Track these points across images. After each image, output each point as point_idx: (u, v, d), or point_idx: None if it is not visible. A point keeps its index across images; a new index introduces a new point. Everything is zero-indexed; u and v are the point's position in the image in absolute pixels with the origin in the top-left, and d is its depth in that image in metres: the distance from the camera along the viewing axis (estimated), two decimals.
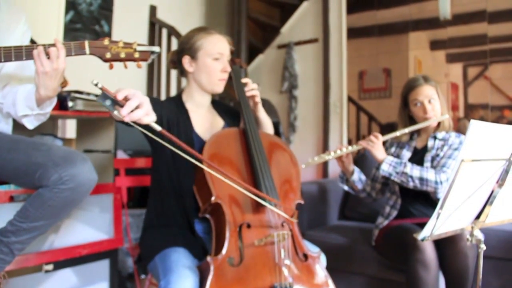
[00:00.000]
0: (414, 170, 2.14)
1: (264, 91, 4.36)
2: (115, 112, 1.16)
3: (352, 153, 2.29)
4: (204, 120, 1.83)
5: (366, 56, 3.91)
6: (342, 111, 3.95)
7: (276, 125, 3.33)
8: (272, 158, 1.71)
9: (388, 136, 2.24)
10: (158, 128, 1.23)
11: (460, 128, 3.50)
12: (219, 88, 1.79)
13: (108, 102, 1.16)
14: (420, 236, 1.41)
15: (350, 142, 3.99)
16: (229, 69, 1.79)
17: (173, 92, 3.94)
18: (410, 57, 3.71)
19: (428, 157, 2.27)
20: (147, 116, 1.21)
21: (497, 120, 3.28)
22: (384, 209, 2.39)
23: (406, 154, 2.35)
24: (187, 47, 1.78)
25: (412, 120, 2.34)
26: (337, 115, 3.97)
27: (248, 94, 1.81)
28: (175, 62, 1.85)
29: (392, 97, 3.75)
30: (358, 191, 2.38)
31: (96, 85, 1.13)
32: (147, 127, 1.24)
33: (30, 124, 1.56)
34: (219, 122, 1.87)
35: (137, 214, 2.68)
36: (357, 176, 2.35)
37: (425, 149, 2.32)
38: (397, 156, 2.37)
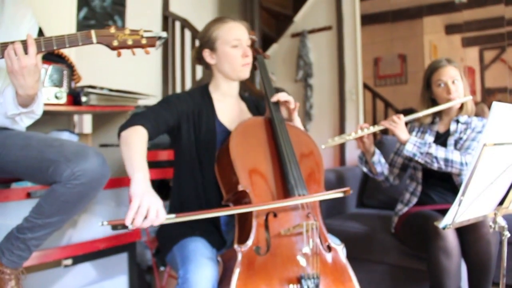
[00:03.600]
0: (439, 151, 2.10)
1: (279, 80, 4.34)
2: (130, 227, 1.25)
3: (373, 134, 2.24)
4: (230, 110, 1.81)
5: (381, 43, 3.84)
6: (358, 98, 3.90)
7: None
8: (298, 148, 1.69)
9: (411, 117, 2.20)
10: (172, 216, 1.32)
11: (478, 113, 3.41)
12: (244, 73, 1.77)
13: (120, 228, 1.24)
14: (442, 224, 1.36)
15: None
16: (249, 53, 1.76)
17: (188, 85, 3.92)
18: (425, 42, 3.63)
19: (451, 140, 2.23)
20: (157, 218, 1.27)
21: None
22: (404, 195, 2.35)
23: (429, 138, 2.30)
24: (204, 40, 1.77)
25: (434, 103, 2.30)
26: (353, 103, 3.93)
27: (281, 99, 1.75)
28: (198, 58, 1.84)
29: (408, 83, 3.68)
30: (376, 173, 2.34)
31: (102, 224, 1.23)
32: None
33: (22, 123, 1.55)
34: (247, 115, 1.86)
35: None
36: (378, 157, 2.30)
37: (447, 133, 2.27)
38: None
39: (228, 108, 1.81)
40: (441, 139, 2.27)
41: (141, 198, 1.27)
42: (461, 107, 2.27)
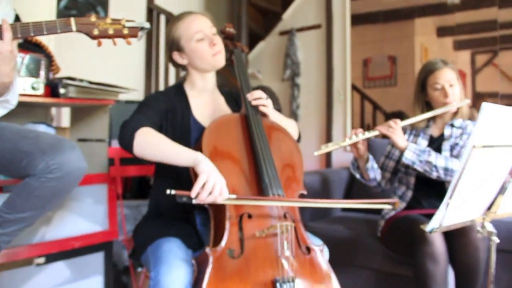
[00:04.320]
0: (438, 159, 2.08)
1: (266, 79, 4.33)
2: (194, 201, 1.37)
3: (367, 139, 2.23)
4: (206, 106, 1.80)
5: (371, 43, 3.85)
6: (346, 99, 3.90)
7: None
8: (275, 146, 1.69)
9: (407, 122, 2.18)
10: (233, 196, 1.43)
11: (468, 117, 3.44)
12: (219, 62, 1.76)
13: (184, 199, 1.36)
14: (428, 227, 1.36)
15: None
16: (217, 40, 1.75)
17: (172, 80, 3.90)
18: (416, 44, 3.64)
19: (446, 145, 2.23)
20: (221, 196, 1.39)
21: None
22: (391, 199, 2.34)
23: (422, 142, 2.30)
24: (169, 44, 1.78)
25: (429, 106, 2.30)
26: (341, 103, 3.93)
27: (254, 103, 1.75)
28: (173, 63, 1.84)
29: (398, 85, 3.69)
30: (369, 179, 2.32)
31: (169, 193, 1.35)
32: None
33: None
34: (225, 110, 1.85)
35: (134, 206, 2.65)
36: (371, 163, 2.29)
37: (442, 138, 2.28)
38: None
39: (204, 104, 1.80)
40: (435, 144, 2.27)
41: (209, 174, 1.37)
42: (456, 111, 2.28)
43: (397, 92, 3.67)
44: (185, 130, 1.70)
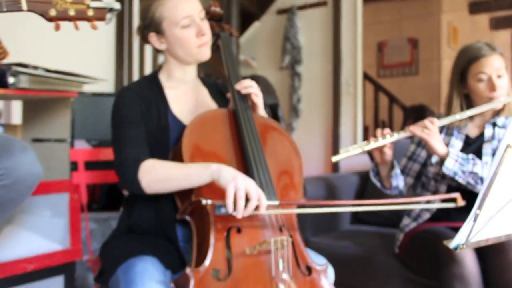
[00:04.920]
0: (486, 170, 2.05)
1: (261, 67, 4.34)
2: (234, 213, 1.40)
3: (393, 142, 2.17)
4: (186, 99, 1.80)
5: (387, 23, 3.88)
6: (356, 91, 3.91)
7: (274, 108, 3.26)
8: (269, 148, 1.70)
9: (446, 121, 2.13)
10: (275, 203, 1.48)
11: None
12: (203, 55, 1.76)
13: (223, 210, 1.40)
14: (453, 244, 1.34)
15: (366, 129, 3.94)
16: (206, 30, 1.74)
17: (148, 69, 3.89)
18: (442, 23, 3.65)
19: (487, 149, 2.19)
20: (260, 200, 1.42)
21: None
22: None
23: (456, 143, 2.26)
24: (147, 21, 1.76)
25: (467, 100, 2.26)
26: (350, 96, 3.94)
27: (243, 91, 1.76)
28: (145, 40, 1.82)
29: (420, 74, 3.71)
30: (390, 187, 2.28)
31: (205, 205, 1.43)
32: None
33: None
34: (209, 104, 1.85)
35: (103, 219, 2.64)
36: (396, 170, 2.24)
37: (481, 139, 2.24)
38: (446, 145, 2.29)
39: (184, 97, 1.80)
40: (473, 146, 2.24)
41: (236, 182, 1.40)
42: (501, 108, 2.22)
43: (418, 82, 3.69)
44: (162, 130, 1.69)
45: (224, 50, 1.86)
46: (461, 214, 2.21)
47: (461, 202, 1.56)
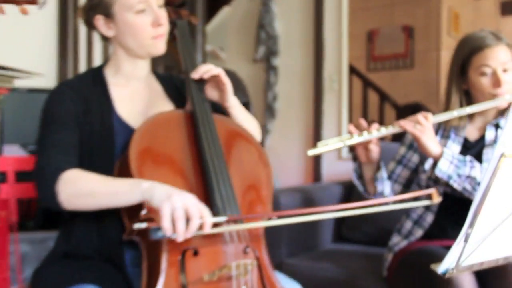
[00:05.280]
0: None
1: (231, 59, 4.34)
2: (174, 236, 1.38)
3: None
4: (135, 98, 1.80)
5: (377, 9, 3.87)
6: (341, 87, 3.93)
7: (244, 108, 3.27)
8: (233, 156, 1.71)
9: (442, 118, 2.15)
10: (221, 219, 1.45)
11: None
12: (157, 48, 1.76)
13: (160, 234, 1.37)
14: (441, 268, 1.37)
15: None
16: (163, 19, 1.74)
17: (97, 61, 3.86)
18: (442, 8, 3.64)
19: (488, 154, 2.20)
20: (204, 218, 1.40)
21: None
22: (403, 224, 2.36)
23: (453, 147, 2.28)
24: (95, 2, 1.74)
25: (468, 96, 2.29)
26: (335, 94, 3.96)
27: (205, 76, 1.76)
28: (90, 24, 1.80)
29: (415, 67, 3.70)
30: (374, 193, 2.30)
31: (138, 228, 1.40)
32: None
33: None
34: (163, 103, 1.84)
35: (39, 240, 2.60)
36: (382, 173, 2.26)
37: (481, 142, 2.27)
38: None
39: (132, 95, 1.80)
40: (472, 151, 2.26)
41: (170, 200, 1.38)
42: (506, 107, 2.24)
43: (414, 77, 3.68)
44: (105, 135, 1.67)
45: (181, 42, 1.86)
46: (458, 231, 2.23)
47: (437, 199, 1.57)
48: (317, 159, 3.95)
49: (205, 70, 1.75)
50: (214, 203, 1.53)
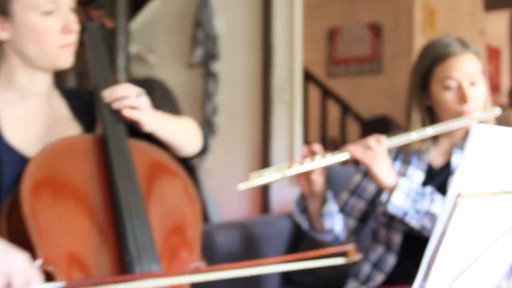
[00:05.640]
0: None
1: (161, 63, 4.34)
2: None
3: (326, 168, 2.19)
4: (33, 120, 1.75)
5: (339, 4, 3.90)
6: (293, 98, 3.93)
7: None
8: (152, 189, 1.70)
9: (397, 141, 2.15)
10: (59, 285, 1.35)
11: (501, 124, 3.49)
12: (64, 60, 1.72)
13: None
14: None
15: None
16: (74, 26, 1.70)
17: None
18: (415, 4, 3.69)
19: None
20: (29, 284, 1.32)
21: None
22: (360, 267, 2.36)
23: (415, 175, 2.28)
24: None
25: (431, 114, 2.30)
26: (286, 105, 3.96)
27: (115, 105, 1.71)
28: None
29: (384, 73, 3.75)
30: (321, 230, 2.30)
31: None
32: None
33: None
34: (69, 127, 1.81)
35: None
36: (330, 206, 2.26)
37: (447, 169, 2.28)
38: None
39: (28, 117, 1.75)
40: (437, 179, 2.26)
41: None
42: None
43: (382, 84, 3.73)
44: None
45: (92, 50, 1.82)
46: None
47: (354, 256, 1.55)
48: (265, 186, 3.91)
49: (116, 96, 1.69)
50: (128, 249, 1.51)
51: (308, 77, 3.93)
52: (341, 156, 2.09)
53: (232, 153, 4.09)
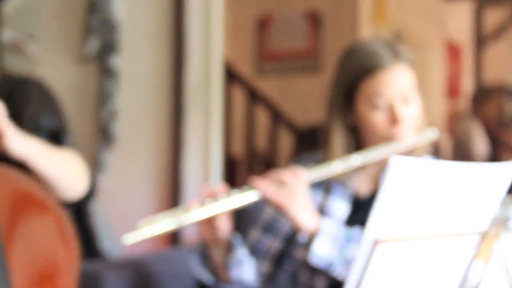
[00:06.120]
0: None
1: (44, 55, 4.25)
2: None
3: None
4: None
5: None
6: (209, 101, 3.96)
7: (56, 136, 3.19)
8: (14, 228, 1.71)
9: (319, 174, 2.18)
10: None
11: (460, 137, 3.57)
12: None
13: None
14: None
15: (232, 165, 3.93)
16: None
17: None
18: None
19: None
20: None
21: None
22: None
23: (339, 207, 2.33)
24: None
25: (356, 135, 2.33)
26: (202, 111, 3.99)
27: None
28: None
29: (325, 69, 3.78)
30: (228, 281, 2.31)
31: None
32: None
33: None
34: None
35: None
36: (238, 254, 2.27)
37: (376, 199, 2.27)
38: (321, 211, 2.33)
39: None
40: (365, 211, 2.23)
41: None
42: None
43: (322, 85, 3.74)
44: None
45: None
46: None
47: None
48: (174, 203, 3.92)
49: None
50: None
51: (232, 76, 3.92)
52: (250, 195, 2.10)
53: (134, 169, 4.07)
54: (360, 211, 2.29)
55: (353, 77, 2.27)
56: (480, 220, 1.56)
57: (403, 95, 2.22)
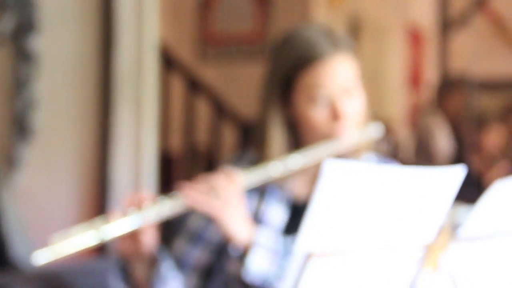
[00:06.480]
0: None
1: None
2: None
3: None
4: None
5: None
6: (142, 90, 4.00)
7: None
8: None
9: (256, 178, 2.20)
10: None
11: (422, 134, 3.64)
12: None
13: None
14: None
15: (169, 163, 4.00)
16: None
17: None
18: None
19: None
20: None
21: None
22: None
23: (275, 213, 2.35)
24: None
25: (296, 132, 2.34)
26: (133, 101, 4.01)
27: None
28: None
29: None
30: None
31: None
32: None
33: None
34: None
35: None
36: (166, 268, 2.25)
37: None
38: (256, 217, 2.35)
39: None
40: (302, 218, 2.29)
41: None
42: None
43: None
44: None
45: None
46: None
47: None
48: (102, 206, 3.95)
49: None
50: None
51: (169, 62, 3.95)
52: (180, 204, 2.09)
53: (55, 166, 4.06)
54: (298, 217, 2.21)
55: (289, 69, 2.25)
56: (425, 230, 1.57)
57: (344, 87, 2.23)
